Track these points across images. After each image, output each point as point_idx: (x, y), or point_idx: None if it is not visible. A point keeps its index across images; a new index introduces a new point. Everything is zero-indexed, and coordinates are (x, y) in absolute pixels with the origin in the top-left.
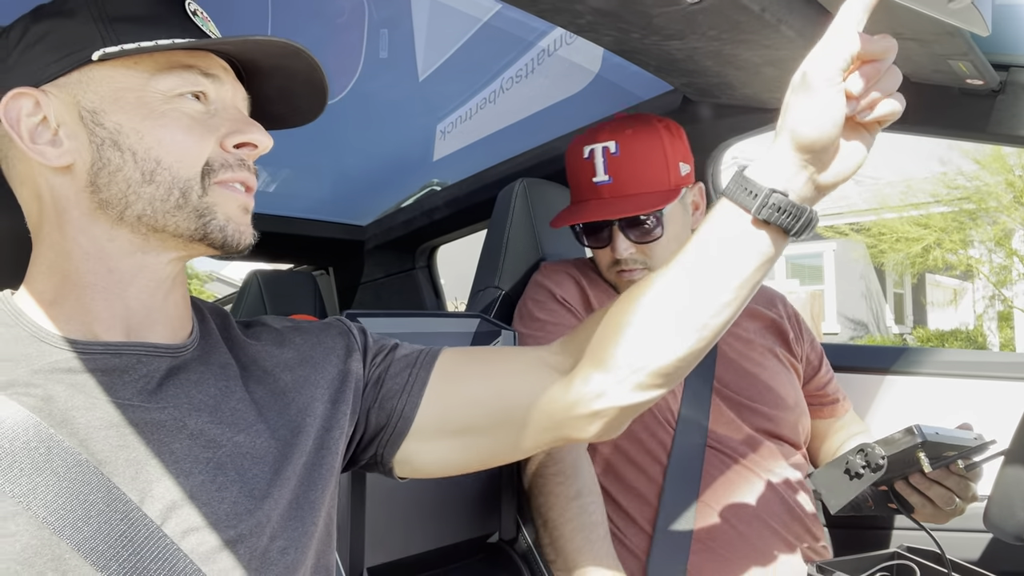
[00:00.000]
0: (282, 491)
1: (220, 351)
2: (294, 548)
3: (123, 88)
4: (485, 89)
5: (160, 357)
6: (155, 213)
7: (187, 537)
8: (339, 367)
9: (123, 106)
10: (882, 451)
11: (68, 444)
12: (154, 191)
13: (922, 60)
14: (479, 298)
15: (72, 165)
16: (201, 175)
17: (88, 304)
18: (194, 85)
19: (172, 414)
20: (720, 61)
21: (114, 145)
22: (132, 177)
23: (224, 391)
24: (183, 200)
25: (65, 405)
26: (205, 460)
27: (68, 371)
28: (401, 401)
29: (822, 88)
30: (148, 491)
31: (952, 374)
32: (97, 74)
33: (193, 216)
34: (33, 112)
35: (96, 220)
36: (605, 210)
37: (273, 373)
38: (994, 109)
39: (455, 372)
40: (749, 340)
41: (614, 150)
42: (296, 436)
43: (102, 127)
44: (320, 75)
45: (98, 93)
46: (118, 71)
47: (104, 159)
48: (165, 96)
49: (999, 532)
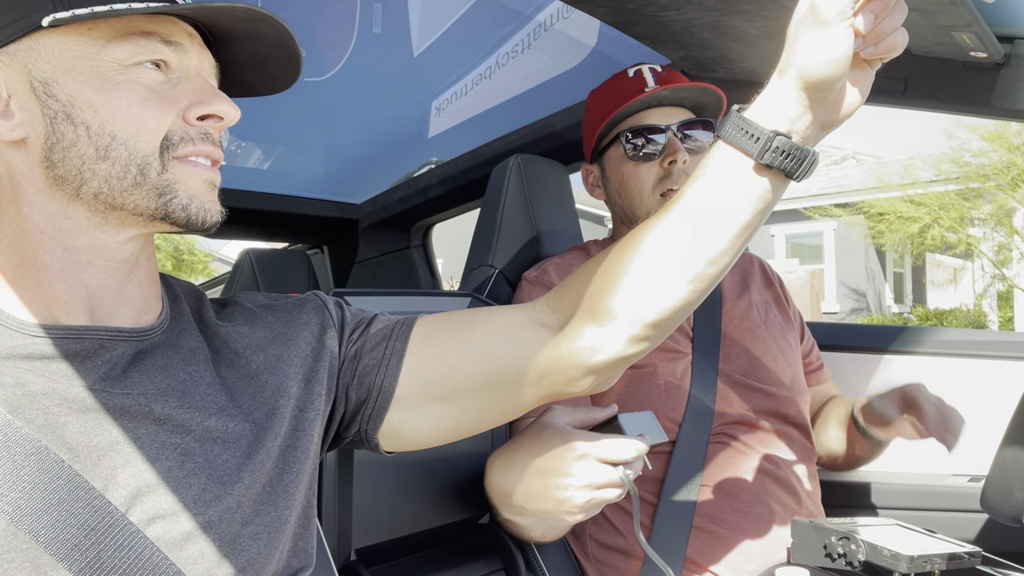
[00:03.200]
0: (255, 476)
1: (190, 333)
2: (266, 533)
3: (76, 57)
4: (481, 64)
5: (125, 341)
6: (112, 191)
7: (153, 524)
8: (312, 344)
9: (76, 76)
10: (862, 555)
11: (27, 431)
12: (109, 168)
13: (925, 32)
14: (472, 277)
15: (25, 139)
16: (160, 150)
17: (47, 286)
18: (153, 53)
19: (137, 399)
20: (717, 33)
21: (67, 118)
22: (86, 153)
23: (193, 375)
24: (141, 177)
25: (24, 391)
26: (172, 446)
27: (27, 357)
28: (379, 375)
29: (834, 21)
30: (112, 478)
31: (951, 353)
32: (49, 41)
33: (153, 194)
34: None
35: (51, 197)
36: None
37: (245, 355)
38: (998, 83)
39: (434, 338)
40: (752, 320)
41: (660, 69)
42: (270, 419)
43: (55, 99)
44: (291, 40)
45: (50, 62)
46: (71, 38)
47: (58, 133)
48: (120, 65)
49: (996, 513)
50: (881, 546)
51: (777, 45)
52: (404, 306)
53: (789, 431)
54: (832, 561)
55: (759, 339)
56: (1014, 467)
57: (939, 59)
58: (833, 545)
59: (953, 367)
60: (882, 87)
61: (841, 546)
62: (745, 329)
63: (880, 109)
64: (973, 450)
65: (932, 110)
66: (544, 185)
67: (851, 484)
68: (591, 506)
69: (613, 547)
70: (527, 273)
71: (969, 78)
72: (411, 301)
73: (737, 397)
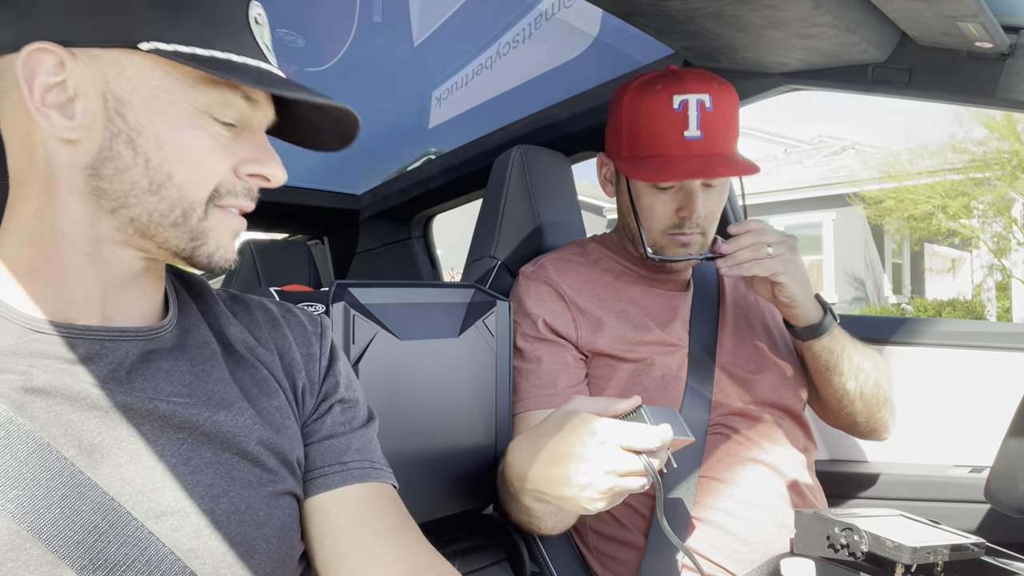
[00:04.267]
0: (265, 475)
1: (199, 329)
2: (277, 538)
3: (159, 88)
4: (482, 54)
5: (131, 341)
6: (150, 224)
7: (160, 521)
8: (305, 363)
9: (152, 106)
10: (865, 545)
11: (29, 427)
12: (157, 203)
13: (930, 22)
14: (475, 268)
15: (78, 141)
16: (207, 199)
17: (61, 284)
18: (228, 106)
19: (142, 396)
20: (721, 23)
21: (129, 143)
22: (138, 182)
23: (201, 371)
24: (182, 219)
25: (28, 388)
26: (179, 442)
27: (31, 354)
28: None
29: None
30: (117, 474)
31: (953, 344)
32: (137, 62)
33: (186, 237)
34: (54, 72)
35: (83, 203)
36: (704, 168)
37: (255, 353)
38: (1003, 73)
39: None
40: (750, 310)
41: (709, 105)
42: (283, 418)
43: (123, 119)
44: (354, 131)
45: (132, 82)
46: (161, 68)
47: (115, 152)
48: (197, 109)
49: (1000, 504)
50: (884, 537)
51: (781, 35)
52: (406, 297)
53: (788, 422)
54: (835, 552)
55: (756, 329)
56: (1019, 458)
57: (944, 49)
58: (836, 536)
59: (955, 358)
60: (887, 77)
61: (844, 537)
62: (743, 320)
63: (880, 100)
64: (974, 441)
65: (937, 101)
66: (546, 176)
67: (853, 475)
68: (613, 494)
69: (614, 538)
70: (524, 269)
71: (974, 68)
72: (417, 292)
73: (735, 388)
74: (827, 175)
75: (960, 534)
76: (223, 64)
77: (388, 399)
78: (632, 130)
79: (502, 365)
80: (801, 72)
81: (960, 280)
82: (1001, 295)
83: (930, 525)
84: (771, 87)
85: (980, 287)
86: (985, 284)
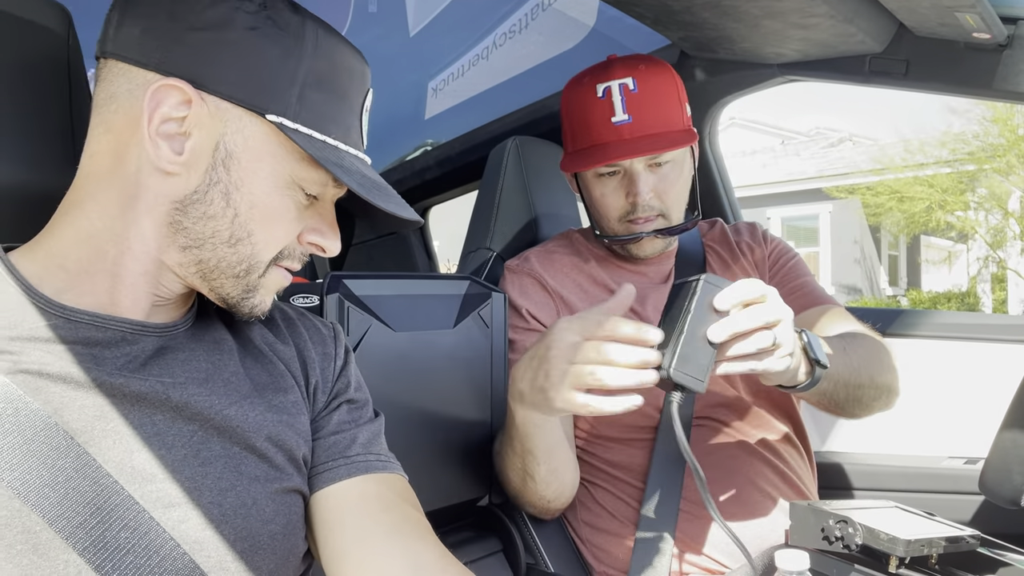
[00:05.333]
0: (273, 472)
1: (216, 327)
2: (283, 535)
3: (268, 153)
4: (478, 45)
5: (149, 336)
6: (215, 270)
7: (167, 512)
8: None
9: (256, 168)
10: (860, 538)
11: (36, 406)
12: (230, 255)
13: (928, 12)
14: (470, 259)
15: (176, 175)
16: (272, 259)
17: (107, 289)
18: (320, 186)
19: (155, 386)
20: (718, 13)
21: (225, 195)
22: (220, 232)
23: (216, 364)
24: (244, 273)
25: (42, 372)
26: (189, 433)
27: (49, 339)
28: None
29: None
30: (127, 461)
31: (949, 336)
32: (257, 124)
33: (241, 288)
34: (178, 108)
35: (156, 230)
36: (630, 149)
37: (272, 350)
38: (1000, 64)
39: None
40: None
41: (632, 87)
42: (295, 416)
43: (227, 171)
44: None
45: (246, 141)
46: (277, 137)
47: (208, 198)
48: (292, 180)
49: (995, 496)
50: (879, 530)
51: (779, 25)
52: (401, 289)
53: (777, 413)
54: (830, 544)
55: None
56: (1013, 450)
57: (942, 40)
58: (831, 528)
59: (950, 350)
60: (884, 68)
61: (839, 529)
62: None
63: (877, 91)
64: (969, 433)
65: (934, 92)
66: (542, 167)
67: (848, 466)
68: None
69: (606, 531)
70: (509, 263)
71: (972, 59)
72: (413, 284)
73: (720, 378)
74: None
75: (955, 526)
76: (331, 153)
77: (383, 391)
78: (571, 126)
79: (497, 357)
80: (798, 63)
81: (956, 272)
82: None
83: (925, 517)
84: (768, 78)
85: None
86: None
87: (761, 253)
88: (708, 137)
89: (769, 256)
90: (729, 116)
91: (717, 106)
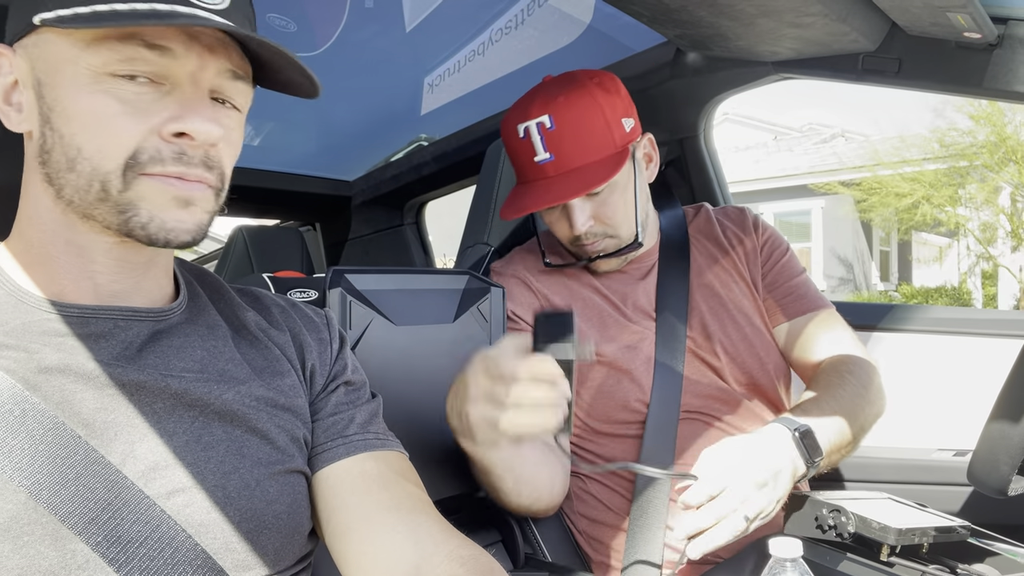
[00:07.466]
0: (274, 454)
1: (209, 313)
2: (287, 514)
3: (62, 60)
4: (474, 41)
5: (142, 321)
6: (81, 202)
7: (172, 498)
8: (312, 350)
9: (59, 80)
10: (852, 527)
11: (43, 406)
12: (76, 180)
13: (919, 12)
14: (468, 255)
15: (31, 133)
16: (123, 168)
17: (54, 274)
18: (130, 61)
19: (153, 375)
20: (714, 11)
21: (47, 122)
22: (60, 161)
23: (212, 351)
24: (104, 193)
25: (40, 367)
26: (190, 419)
27: (43, 333)
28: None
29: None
30: (130, 452)
31: (938, 331)
32: (46, 39)
33: (115, 211)
34: (8, 72)
35: (47, 191)
36: (552, 192)
37: (267, 335)
38: (991, 63)
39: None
40: (720, 292)
41: (549, 124)
42: (291, 399)
43: (44, 100)
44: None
45: (46, 61)
46: (60, 38)
47: (44, 135)
48: (96, 73)
49: (983, 487)
50: (871, 519)
51: (774, 24)
52: (402, 283)
53: (768, 406)
54: (823, 533)
55: (729, 310)
56: (1000, 441)
57: (933, 39)
58: (824, 517)
59: (939, 344)
60: (877, 67)
61: (832, 518)
62: (714, 301)
63: (870, 88)
64: (958, 425)
65: (926, 90)
66: None
67: None
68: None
69: (602, 522)
70: (494, 265)
71: (963, 59)
72: (411, 279)
73: (709, 371)
74: (816, 161)
75: (945, 516)
76: (104, 15)
77: (384, 384)
78: (511, 160)
79: None
80: (793, 61)
81: (947, 268)
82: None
83: (916, 508)
84: (763, 75)
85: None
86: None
87: (752, 244)
88: (703, 133)
89: (761, 250)
90: (723, 112)
91: (712, 103)
